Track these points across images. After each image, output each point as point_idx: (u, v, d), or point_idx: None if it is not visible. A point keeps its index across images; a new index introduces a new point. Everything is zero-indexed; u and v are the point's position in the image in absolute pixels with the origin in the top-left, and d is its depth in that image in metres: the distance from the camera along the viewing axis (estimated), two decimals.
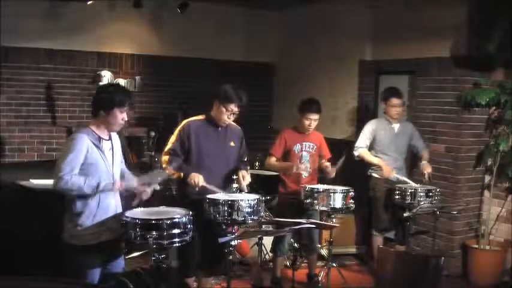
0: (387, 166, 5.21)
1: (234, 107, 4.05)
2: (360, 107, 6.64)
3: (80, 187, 3.15)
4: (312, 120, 4.84)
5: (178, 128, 4.15)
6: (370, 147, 5.40)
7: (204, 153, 4.09)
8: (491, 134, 5.48)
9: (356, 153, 5.35)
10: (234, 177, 4.21)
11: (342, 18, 6.78)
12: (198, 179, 3.90)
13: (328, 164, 4.89)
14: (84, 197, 3.22)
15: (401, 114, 5.45)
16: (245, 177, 4.12)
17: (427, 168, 5.17)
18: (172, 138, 4.14)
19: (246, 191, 4.11)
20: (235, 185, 4.26)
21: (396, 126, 5.39)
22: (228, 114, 4.07)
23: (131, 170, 3.75)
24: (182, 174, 4.02)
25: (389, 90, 5.45)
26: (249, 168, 4.40)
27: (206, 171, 4.01)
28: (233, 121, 4.30)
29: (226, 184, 4.19)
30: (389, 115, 5.37)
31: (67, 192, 3.18)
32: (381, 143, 5.34)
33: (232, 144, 4.22)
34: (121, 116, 3.33)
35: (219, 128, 4.16)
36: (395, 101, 5.31)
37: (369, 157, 5.33)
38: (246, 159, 4.38)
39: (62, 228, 3.31)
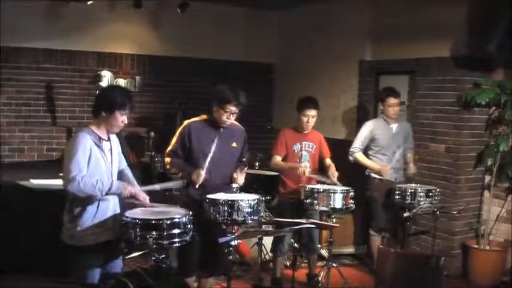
0: (383, 166, 5.21)
1: (232, 107, 4.00)
2: (359, 107, 6.64)
3: (92, 187, 3.14)
4: (310, 116, 4.85)
5: (179, 129, 4.14)
6: (369, 148, 5.40)
7: (205, 153, 4.05)
8: (491, 134, 5.48)
9: (351, 158, 5.37)
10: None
11: (342, 18, 6.78)
12: (198, 174, 3.90)
13: (331, 164, 4.90)
14: (90, 198, 3.21)
15: (399, 113, 5.44)
16: (238, 178, 4.11)
17: (411, 169, 5.27)
18: (174, 140, 4.13)
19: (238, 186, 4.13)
20: (235, 185, 4.25)
21: (394, 126, 5.39)
22: (228, 115, 4.02)
23: (131, 170, 3.75)
24: (185, 173, 4.01)
25: (386, 90, 5.45)
26: (246, 168, 4.39)
27: (208, 171, 3.99)
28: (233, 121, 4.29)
29: (228, 185, 4.18)
30: (386, 115, 5.37)
31: (78, 193, 3.15)
32: (379, 143, 5.35)
33: (234, 145, 4.20)
34: (121, 119, 3.34)
35: (221, 129, 4.13)
36: (392, 100, 5.32)
37: (364, 161, 5.35)
38: (244, 159, 4.36)
39: (62, 229, 3.31)
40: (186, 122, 4.17)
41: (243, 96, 4.02)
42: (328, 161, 4.99)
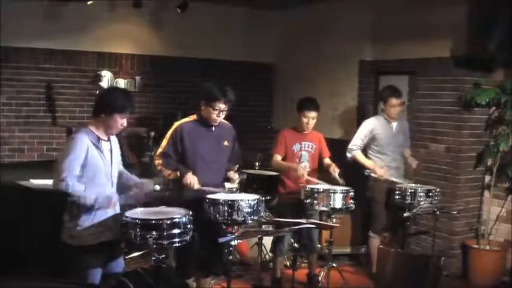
0: (380, 169, 5.16)
1: (221, 105, 3.96)
2: (359, 107, 6.64)
3: (79, 196, 3.17)
4: (310, 118, 4.85)
5: (170, 130, 4.09)
6: (368, 147, 5.34)
7: (198, 154, 4.05)
8: (491, 134, 5.48)
9: (349, 155, 5.27)
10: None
11: (342, 18, 6.78)
12: (193, 181, 3.88)
13: (331, 163, 4.90)
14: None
15: (400, 114, 5.40)
16: (235, 176, 4.11)
17: (412, 164, 5.24)
18: (164, 142, 4.09)
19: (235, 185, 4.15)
20: (235, 185, 4.26)
21: (394, 124, 5.31)
22: (217, 113, 3.99)
23: (131, 170, 3.75)
24: (178, 174, 4.00)
25: (388, 89, 5.31)
26: (237, 167, 4.39)
27: (201, 172, 3.99)
28: (230, 120, 4.29)
29: (222, 184, 4.17)
30: (388, 115, 5.28)
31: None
32: (380, 142, 5.26)
33: (226, 143, 4.19)
34: (121, 122, 3.35)
35: (212, 128, 4.11)
36: (394, 101, 5.20)
37: (362, 160, 5.25)
38: (238, 158, 4.35)
39: (62, 229, 3.31)
40: (176, 124, 4.12)
41: (231, 93, 3.99)
42: (327, 160, 5.00)
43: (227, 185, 4.33)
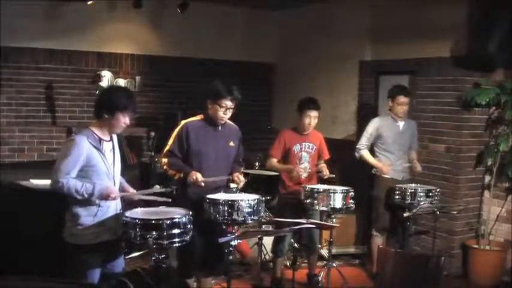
0: (384, 166, 5.17)
1: (228, 102, 3.97)
2: (360, 107, 6.64)
3: (76, 191, 3.16)
4: (312, 117, 4.84)
5: (177, 129, 4.10)
6: (375, 145, 5.34)
7: (204, 153, 4.06)
8: (491, 134, 5.48)
9: (357, 155, 5.30)
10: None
11: (342, 18, 6.78)
12: (196, 177, 3.89)
13: (324, 165, 4.90)
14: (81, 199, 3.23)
15: (406, 112, 5.39)
16: (239, 178, 4.11)
17: (417, 167, 5.21)
18: (170, 140, 4.10)
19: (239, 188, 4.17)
20: (234, 185, 4.26)
21: (401, 124, 5.30)
22: (224, 111, 4.00)
23: (131, 170, 3.75)
24: (182, 174, 4.01)
25: (397, 87, 5.33)
26: (243, 168, 4.39)
27: (206, 171, 3.99)
28: (232, 120, 4.29)
29: (226, 184, 4.18)
30: (395, 113, 5.27)
31: (65, 194, 3.19)
32: (386, 140, 5.26)
33: (231, 144, 4.19)
34: (124, 120, 3.34)
35: (219, 128, 4.12)
36: (402, 99, 5.20)
37: (369, 158, 5.28)
38: (241, 160, 4.36)
39: (62, 228, 3.31)
40: (183, 123, 4.13)
41: (237, 91, 4.01)
42: (322, 163, 4.97)
43: (231, 185, 4.33)
